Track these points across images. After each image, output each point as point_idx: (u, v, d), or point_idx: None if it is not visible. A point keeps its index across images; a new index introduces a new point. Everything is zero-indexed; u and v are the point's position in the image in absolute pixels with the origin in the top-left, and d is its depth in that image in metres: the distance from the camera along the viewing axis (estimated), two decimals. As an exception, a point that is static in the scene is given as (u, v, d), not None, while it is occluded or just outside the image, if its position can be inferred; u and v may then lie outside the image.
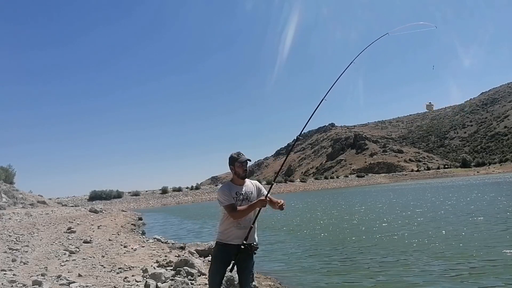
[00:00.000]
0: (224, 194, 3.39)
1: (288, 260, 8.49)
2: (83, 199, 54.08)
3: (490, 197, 20.13)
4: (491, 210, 14.06)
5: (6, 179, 26.98)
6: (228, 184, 3.52)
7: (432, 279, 5.95)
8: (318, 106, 3.96)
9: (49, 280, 5.36)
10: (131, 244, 10.32)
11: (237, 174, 3.47)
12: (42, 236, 10.71)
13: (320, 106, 3.96)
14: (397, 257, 7.69)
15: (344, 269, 7.14)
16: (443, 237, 9.38)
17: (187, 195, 61.33)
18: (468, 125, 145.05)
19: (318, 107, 3.96)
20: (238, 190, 3.45)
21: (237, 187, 3.47)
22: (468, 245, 8.11)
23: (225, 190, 3.42)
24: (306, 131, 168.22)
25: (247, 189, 3.50)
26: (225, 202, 3.37)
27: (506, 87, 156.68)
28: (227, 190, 3.42)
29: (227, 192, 3.39)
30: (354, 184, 74.42)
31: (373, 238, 10.21)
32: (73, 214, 20.97)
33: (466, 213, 13.79)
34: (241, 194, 3.44)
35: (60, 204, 36.23)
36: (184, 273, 6.07)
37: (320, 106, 3.96)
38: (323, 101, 4.00)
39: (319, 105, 3.96)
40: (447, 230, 10.35)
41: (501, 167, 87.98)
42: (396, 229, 11.43)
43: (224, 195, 3.38)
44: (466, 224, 11.13)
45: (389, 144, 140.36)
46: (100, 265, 6.92)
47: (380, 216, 15.62)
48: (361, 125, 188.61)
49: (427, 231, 10.46)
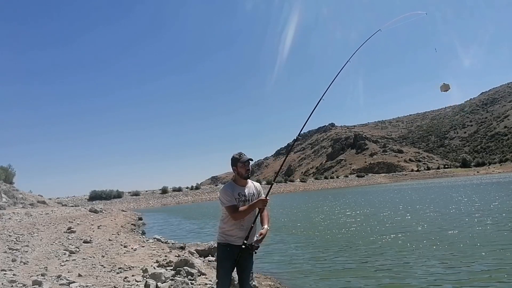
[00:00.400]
0: (226, 195, 3.38)
1: (288, 260, 8.49)
2: (83, 199, 54.06)
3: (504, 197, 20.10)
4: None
5: (6, 179, 26.98)
6: (230, 185, 3.51)
7: (437, 283, 5.89)
8: (316, 107, 3.97)
9: (49, 280, 5.35)
10: (131, 244, 10.32)
11: (240, 174, 3.46)
12: (42, 236, 10.70)
13: (318, 106, 3.98)
14: (400, 258, 7.63)
15: (345, 270, 7.13)
16: (448, 239, 9.35)
17: (187, 195, 61.32)
18: (468, 125, 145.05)
19: (315, 107, 3.98)
20: (240, 191, 3.44)
21: (240, 188, 3.47)
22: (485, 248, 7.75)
23: (227, 190, 3.41)
24: (306, 131, 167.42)
25: (249, 190, 3.50)
26: (227, 203, 3.36)
27: (506, 87, 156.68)
28: (229, 190, 3.41)
29: (229, 193, 3.39)
30: (354, 184, 74.40)
31: (376, 238, 10.18)
32: (73, 214, 20.97)
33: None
34: (243, 195, 3.43)
35: (60, 204, 36.23)
36: (184, 273, 6.07)
37: (318, 106, 3.98)
38: (321, 101, 4.02)
39: (317, 105, 3.98)
40: (457, 231, 10.33)
41: (501, 167, 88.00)
42: (398, 230, 11.40)
43: (227, 195, 3.38)
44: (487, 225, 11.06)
45: (389, 144, 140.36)
46: (100, 265, 6.92)
47: (381, 216, 15.61)
48: (361, 125, 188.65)
49: (431, 232, 10.43)
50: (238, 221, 3.37)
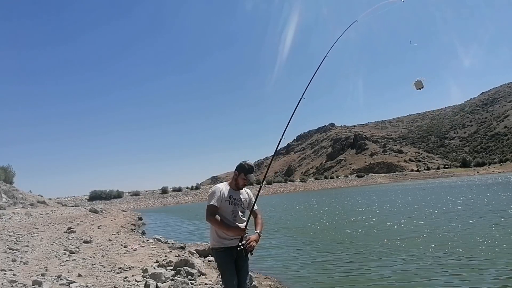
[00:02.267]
0: (215, 195, 3.42)
1: (288, 260, 8.49)
2: (83, 199, 54.04)
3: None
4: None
5: (6, 179, 26.98)
6: (225, 186, 3.54)
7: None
8: (297, 106, 4.01)
9: (49, 280, 5.36)
10: (131, 244, 10.32)
11: (236, 183, 3.53)
12: (42, 236, 10.70)
13: (300, 105, 3.98)
14: (402, 259, 7.62)
15: (345, 270, 7.13)
16: (455, 239, 9.35)
17: (187, 195, 61.34)
18: (468, 125, 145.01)
19: (297, 106, 4.00)
20: (233, 195, 3.49)
21: (234, 192, 3.52)
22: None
23: (219, 191, 3.44)
24: (306, 131, 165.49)
25: (242, 196, 3.56)
26: (210, 201, 3.40)
27: (506, 87, 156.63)
28: (220, 192, 3.44)
29: (219, 194, 3.42)
30: (354, 184, 74.39)
31: (377, 239, 10.15)
32: (73, 214, 20.97)
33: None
34: (234, 199, 3.48)
35: (60, 204, 36.21)
36: (184, 273, 6.08)
37: (300, 105, 3.99)
38: (302, 100, 4.04)
39: (298, 105, 4.00)
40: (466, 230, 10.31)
41: (501, 167, 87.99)
42: (400, 231, 11.41)
43: (215, 196, 3.41)
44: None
45: (389, 144, 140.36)
46: (100, 265, 6.92)
47: (382, 216, 15.60)
48: (361, 125, 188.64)
49: (436, 233, 10.43)
50: (232, 221, 3.42)
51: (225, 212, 3.42)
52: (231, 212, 3.44)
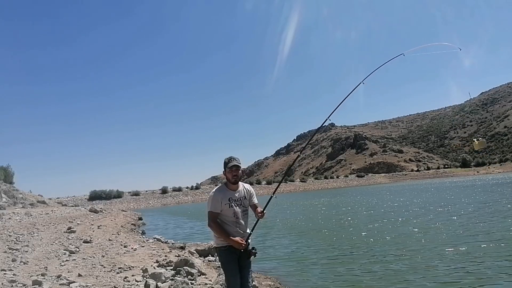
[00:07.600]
0: (214, 200, 3.42)
1: (288, 260, 8.49)
2: (83, 199, 54.06)
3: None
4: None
5: (6, 179, 26.98)
6: (221, 189, 3.54)
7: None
8: (323, 124, 4.01)
9: (49, 280, 5.35)
10: (131, 244, 10.31)
11: (227, 179, 3.53)
12: (42, 236, 10.70)
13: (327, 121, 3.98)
14: (402, 259, 7.60)
15: (345, 270, 7.11)
16: (458, 238, 9.34)
17: (187, 195, 61.34)
18: (468, 125, 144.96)
19: (323, 123, 4.01)
20: (231, 196, 3.48)
21: (231, 193, 3.50)
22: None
23: (217, 196, 3.44)
24: (306, 131, 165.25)
25: (240, 194, 3.54)
26: (211, 208, 3.42)
27: (506, 87, 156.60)
28: (219, 196, 3.44)
29: (218, 199, 3.42)
30: (354, 184, 74.39)
31: (378, 239, 10.13)
32: (73, 214, 20.97)
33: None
34: (233, 200, 3.47)
35: (60, 204, 36.21)
36: (184, 273, 6.07)
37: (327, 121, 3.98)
38: (327, 121, 4.07)
39: (324, 123, 4.00)
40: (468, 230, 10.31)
41: (501, 167, 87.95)
42: (400, 231, 11.41)
43: (215, 201, 3.42)
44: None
45: (389, 144, 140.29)
46: (100, 265, 6.92)
47: (382, 216, 15.60)
48: (361, 125, 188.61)
49: (439, 234, 10.43)
50: (235, 222, 3.43)
51: (226, 216, 3.43)
52: (232, 214, 3.44)
